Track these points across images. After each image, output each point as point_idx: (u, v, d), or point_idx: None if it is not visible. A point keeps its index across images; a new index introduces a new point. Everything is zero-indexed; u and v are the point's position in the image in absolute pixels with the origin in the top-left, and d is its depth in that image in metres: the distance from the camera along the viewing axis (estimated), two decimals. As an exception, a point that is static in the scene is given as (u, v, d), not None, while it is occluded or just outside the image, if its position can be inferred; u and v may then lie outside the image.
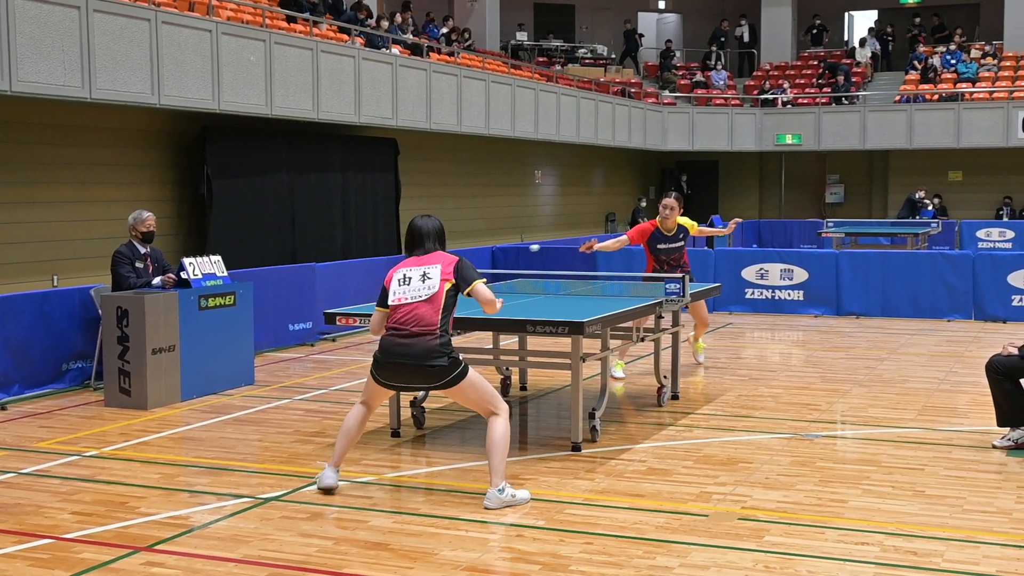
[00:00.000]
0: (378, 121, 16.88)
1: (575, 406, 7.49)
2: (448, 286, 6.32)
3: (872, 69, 30.37)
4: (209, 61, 13.41)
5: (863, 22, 34.07)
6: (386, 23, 19.24)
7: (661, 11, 34.34)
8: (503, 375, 9.59)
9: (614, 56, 31.16)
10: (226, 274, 10.12)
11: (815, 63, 30.81)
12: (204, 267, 9.90)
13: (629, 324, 8.57)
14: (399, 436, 7.99)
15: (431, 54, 19.64)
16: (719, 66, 30.72)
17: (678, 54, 32.71)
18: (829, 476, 6.85)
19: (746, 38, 32.47)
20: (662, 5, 34.07)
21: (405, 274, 6.38)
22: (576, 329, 7.17)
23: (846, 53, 31.24)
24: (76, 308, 10.04)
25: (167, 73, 12.77)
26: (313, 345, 12.86)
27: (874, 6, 33.78)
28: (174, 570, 5.29)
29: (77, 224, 12.88)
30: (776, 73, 30.56)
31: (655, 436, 8.01)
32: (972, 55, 28.79)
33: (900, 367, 11.00)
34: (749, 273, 15.57)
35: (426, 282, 6.31)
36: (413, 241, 6.52)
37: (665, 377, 9.17)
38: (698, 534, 5.74)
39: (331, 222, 16.73)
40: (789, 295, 15.38)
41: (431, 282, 6.31)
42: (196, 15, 13.73)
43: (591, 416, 7.80)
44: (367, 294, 9.96)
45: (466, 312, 7.77)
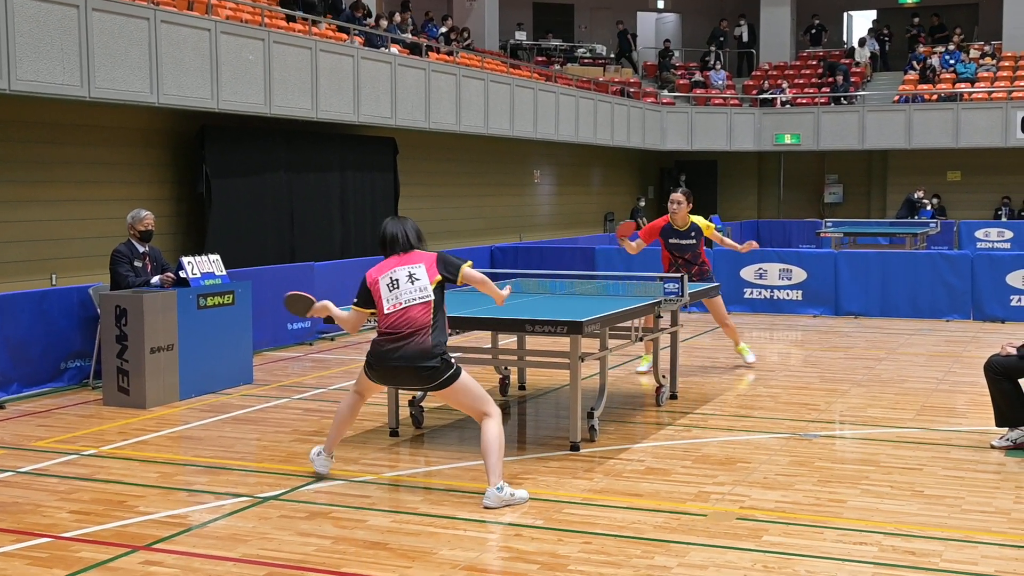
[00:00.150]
0: (377, 120, 16.87)
1: (574, 406, 7.49)
2: (436, 284, 6.34)
3: (871, 69, 30.38)
4: (208, 60, 13.40)
5: (862, 22, 34.09)
6: (385, 22, 19.25)
7: (660, 11, 34.33)
8: (502, 375, 9.58)
9: (613, 56, 31.16)
10: (225, 273, 10.12)
11: (814, 63, 30.81)
12: (203, 266, 9.90)
13: (635, 323, 8.54)
14: (397, 435, 7.99)
15: (430, 53, 19.64)
16: (718, 66, 30.72)
17: (677, 54, 32.70)
18: (828, 476, 6.85)
19: (745, 38, 32.47)
20: (661, 5, 34.06)
21: (392, 277, 6.35)
22: (575, 329, 7.17)
23: (845, 53, 31.23)
24: (75, 307, 10.04)
25: (166, 72, 12.76)
26: (311, 344, 12.86)
27: (873, 6, 33.79)
28: (172, 569, 5.29)
29: (76, 223, 12.88)
30: (775, 73, 30.56)
31: (654, 436, 8.01)
32: (971, 55, 28.80)
33: (899, 367, 11.00)
34: (748, 273, 15.57)
35: (415, 283, 6.31)
36: (391, 241, 6.47)
37: (664, 377, 9.17)
38: (696, 534, 5.74)
39: (330, 221, 16.72)
40: (788, 295, 15.38)
41: (421, 283, 6.31)
42: (195, 14, 13.72)
43: (590, 416, 7.80)
44: (366, 294, 9.95)
45: (466, 312, 7.78)
